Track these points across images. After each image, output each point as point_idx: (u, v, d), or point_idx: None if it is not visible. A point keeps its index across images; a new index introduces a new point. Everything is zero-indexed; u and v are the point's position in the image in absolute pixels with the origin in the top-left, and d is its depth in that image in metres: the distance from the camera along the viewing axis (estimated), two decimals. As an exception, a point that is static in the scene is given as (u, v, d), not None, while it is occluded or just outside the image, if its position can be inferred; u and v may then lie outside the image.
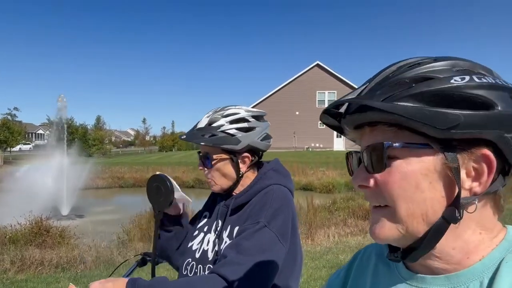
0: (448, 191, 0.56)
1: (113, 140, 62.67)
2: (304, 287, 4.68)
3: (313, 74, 40.45)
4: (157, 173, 1.52)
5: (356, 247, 6.79)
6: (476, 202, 0.56)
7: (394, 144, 0.56)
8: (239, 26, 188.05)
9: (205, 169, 1.43)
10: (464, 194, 0.55)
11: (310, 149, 38.83)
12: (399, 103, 0.54)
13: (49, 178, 15.81)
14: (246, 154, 1.43)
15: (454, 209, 0.55)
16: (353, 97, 0.61)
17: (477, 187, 0.56)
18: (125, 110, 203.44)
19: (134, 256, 1.72)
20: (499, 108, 0.53)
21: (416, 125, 0.54)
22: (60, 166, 17.11)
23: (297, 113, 39.73)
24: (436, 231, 0.57)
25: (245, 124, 1.40)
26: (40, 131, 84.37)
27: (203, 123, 1.41)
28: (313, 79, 40.12)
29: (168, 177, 1.48)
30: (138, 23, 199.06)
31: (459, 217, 0.55)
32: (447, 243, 0.57)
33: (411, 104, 0.54)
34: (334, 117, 0.65)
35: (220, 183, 1.43)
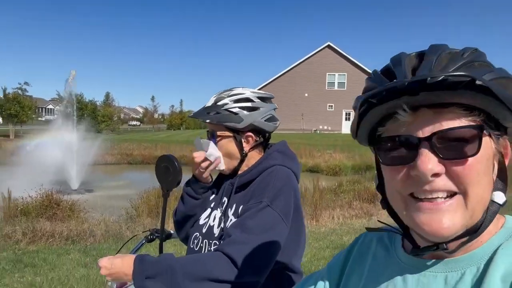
0: (492, 176, 0.59)
1: (122, 117, 62.94)
2: (308, 267, 4.76)
3: (323, 56, 39.90)
4: (166, 153, 1.55)
5: (360, 229, 6.86)
6: None
7: (490, 131, 0.56)
8: (250, 5, 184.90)
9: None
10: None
11: (318, 132, 38.70)
12: (493, 84, 0.52)
13: (59, 153, 16.03)
14: (249, 133, 1.45)
15: (503, 192, 0.60)
16: (425, 72, 0.54)
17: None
18: (134, 88, 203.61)
19: (143, 232, 1.77)
20: None
21: (499, 110, 0.54)
22: (70, 141, 17.32)
23: (306, 95, 39.44)
24: (491, 216, 0.59)
25: (249, 104, 1.43)
26: (50, 106, 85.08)
27: (210, 102, 1.46)
28: (323, 61, 39.60)
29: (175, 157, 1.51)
30: (150, 2, 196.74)
31: (506, 200, 0.59)
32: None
33: (498, 87, 0.52)
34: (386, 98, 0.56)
35: (225, 161, 1.46)
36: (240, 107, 1.41)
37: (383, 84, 0.56)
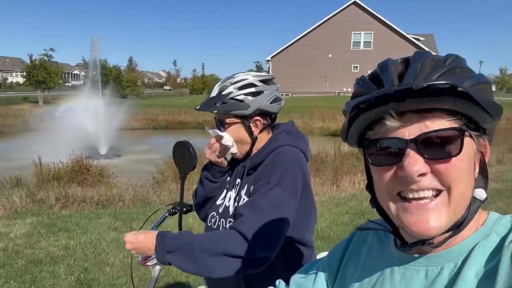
0: (473, 174, 0.63)
1: (145, 82, 63.49)
2: (327, 232, 4.88)
3: (349, 13, 38.26)
4: (182, 140, 1.62)
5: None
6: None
7: (471, 132, 0.61)
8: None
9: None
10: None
11: (342, 94, 37.96)
12: (472, 89, 0.56)
13: (87, 119, 16.47)
14: (257, 117, 1.49)
15: (483, 190, 0.64)
16: (411, 80, 0.58)
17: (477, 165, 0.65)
18: (157, 52, 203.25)
19: (165, 206, 1.89)
20: None
21: (479, 113, 0.58)
22: (96, 107, 17.72)
23: (330, 55, 38.37)
24: (473, 212, 0.63)
25: (253, 89, 1.45)
26: (76, 72, 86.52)
27: (214, 93, 1.49)
28: (348, 19, 38.04)
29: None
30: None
31: (486, 197, 0.63)
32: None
33: (478, 92, 0.56)
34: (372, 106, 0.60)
35: (237, 147, 1.51)
36: (245, 94, 1.44)
37: (371, 90, 0.61)
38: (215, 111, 1.47)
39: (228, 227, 1.41)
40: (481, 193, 0.64)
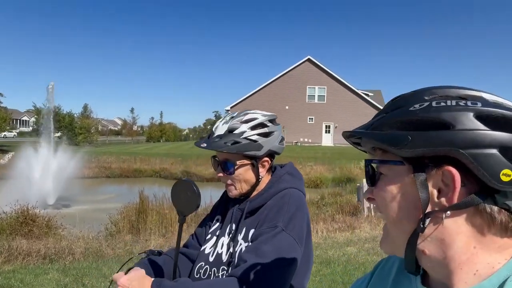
0: (419, 204, 0.61)
1: (99, 129, 61.78)
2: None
3: (304, 69, 40.46)
4: (183, 178, 1.52)
5: (344, 243, 6.89)
6: (444, 215, 0.60)
7: (373, 160, 0.67)
8: (229, 19, 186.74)
9: (225, 175, 1.42)
10: (434, 207, 0.61)
11: (299, 144, 39.00)
12: (377, 131, 0.65)
13: (34, 167, 15.57)
14: (265, 158, 1.44)
15: (420, 220, 0.61)
16: (361, 130, 0.70)
17: (444, 201, 0.60)
18: (113, 99, 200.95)
19: (138, 254, 1.73)
20: (457, 127, 0.57)
21: (383, 147, 0.64)
22: (46, 155, 16.87)
23: (287, 107, 39.78)
24: (411, 239, 0.63)
25: (265, 129, 1.41)
26: (25, 118, 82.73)
27: (222, 130, 1.39)
28: (304, 74, 40.16)
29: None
30: (127, 13, 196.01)
31: (422, 225, 0.61)
32: (437, 252, 0.61)
33: (385, 131, 0.63)
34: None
35: (240, 188, 1.43)
36: (258, 134, 1.39)
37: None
38: (225, 151, 1.37)
39: (227, 275, 1.30)
40: (418, 223, 0.62)
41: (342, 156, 25.87)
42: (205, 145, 1.39)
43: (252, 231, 1.35)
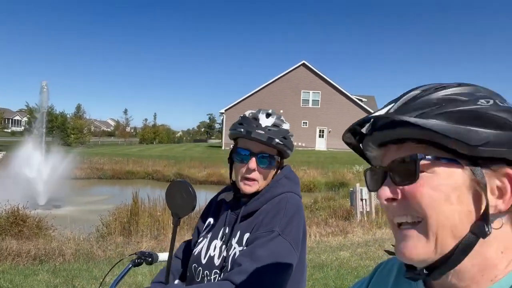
0: (476, 206, 0.58)
1: (92, 130, 61.30)
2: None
3: (299, 73, 40.60)
4: (178, 179, 1.49)
5: (337, 247, 6.89)
6: (503, 219, 0.58)
7: (427, 157, 0.59)
8: (225, 23, 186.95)
9: (256, 168, 1.37)
10: (494, 211, 0.57)
11: (292, 148, 39.00)
12: (431, 120, 0.57)
13: (26, 167, 15.38)
14: (282, 160, 1.45)
15: (483, 224, 0.56)
16: (382, 113, 0.62)
17: (501, 205, 0.57)
18: (106, 100, 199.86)
19: (129, 255, 1.70)
20: None
21: (447, 142, 0.57)
22: (37, 155, 16.67)
23: (281, 111, 39.82)
24: (466, 246, 0.57)
25: (290, 133, 1.43)
26: (17, 117, 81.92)
27: (269, 122, 1.36)
28: (298, 78, 40.29)
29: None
30: (123, 14, 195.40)
31: (488, 231, 0.56)
32: (469, 259, 0.58)
33: (442, 122, 0.56)
34: (355, 135, 0.68)
35: (261, 185, 1.40)
36: (291, 136, 1.42)
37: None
38: (275, 142, 1.33)
39: (221, 278, 1.28)
40: (480, 227, 0.57)
41: (335, 161, 25.97)
42: (262, 132, 1.32)
43: (247, 235, 1.34)
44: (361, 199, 10.00)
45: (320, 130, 40.28)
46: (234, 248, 1.34)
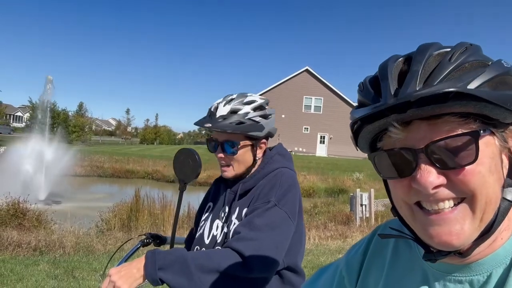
0: (503, 171, 0.57)
1: (93, 128, 61.43)
2: None
3: (301, 79, 40.72)
4: (185, 147, 1.56)
5: (336, 250, 6.90)
6: None
7: (484, 132, 0.53)
8: (230, 25, 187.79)
9: (226, 155, 1.43)
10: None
11: (293, 153, 39.05)
12: (484, 89, 0.51)
13: (27, 162, 15.42)
14: (263, 140, 1.48)
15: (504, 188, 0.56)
16: (418, 88, 0.52)
17: None
18: (108, 99, 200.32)
19: (138, 236, 1.75)
20: None
21: (495, 111, 0.52)
22: (39, 150, 16.71)
23: (283, 116, 39.91)
24: (502, 214, 0.56)
25: (265, 111, 1.46)
26: (19, 113, 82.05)
27: (224, 111, 1.39)
28: (301, 84, 40.40)
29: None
30: (127, 14, 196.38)
31: None
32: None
33: (491, 90, 0.51)
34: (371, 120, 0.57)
35: (237, 169, 1.45)
36: (259, 116, 1.42)
37: (371, 99, 0.58)
38: (230, 131, 1.37)
39: (222, 247, 1.32)
40: (510, 193, 0.57)
41: (336, 168, 25.94)
42: (209, 125, 1.39)
43: (245, 210, 1.38)
44: (361, 205, 10.03)
45: (321, 136, 40.33)
46: (234, 223, 1.39)
